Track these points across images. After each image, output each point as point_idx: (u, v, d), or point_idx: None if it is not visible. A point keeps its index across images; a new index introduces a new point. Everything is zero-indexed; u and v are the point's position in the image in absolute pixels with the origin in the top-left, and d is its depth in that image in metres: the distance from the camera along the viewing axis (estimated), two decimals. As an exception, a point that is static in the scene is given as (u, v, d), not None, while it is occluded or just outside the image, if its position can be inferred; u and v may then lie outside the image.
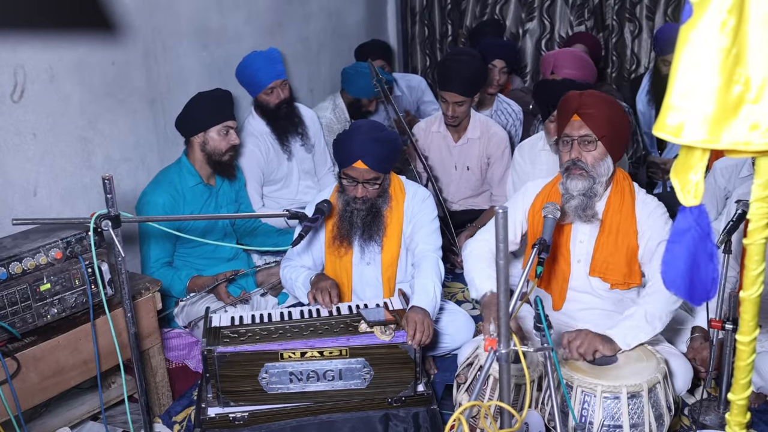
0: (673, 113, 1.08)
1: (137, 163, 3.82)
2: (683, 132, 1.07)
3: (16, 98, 3.17)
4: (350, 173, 2.98)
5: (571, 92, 2.81)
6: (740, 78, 1.03)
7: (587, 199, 2.71)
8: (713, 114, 1.05)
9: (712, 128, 1.05)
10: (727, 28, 1.02)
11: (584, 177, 2.69)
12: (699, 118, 1.06)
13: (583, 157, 2.69)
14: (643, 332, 2.55)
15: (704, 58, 1.04)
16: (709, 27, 1.04)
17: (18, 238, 2.55)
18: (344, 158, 2.98)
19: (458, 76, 4.01)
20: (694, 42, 1.05)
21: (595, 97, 2.74)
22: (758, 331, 1.23)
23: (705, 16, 1.03)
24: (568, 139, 2.73)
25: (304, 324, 2.73)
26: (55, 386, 2.56)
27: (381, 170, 2.98)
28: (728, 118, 1.04)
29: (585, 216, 2.73)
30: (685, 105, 1.07)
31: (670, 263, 1.21)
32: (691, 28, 1.05)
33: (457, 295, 3.90)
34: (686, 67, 1.06)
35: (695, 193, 1.14)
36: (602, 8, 5.63)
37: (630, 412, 2.32)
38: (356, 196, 3.00)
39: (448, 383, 3.01)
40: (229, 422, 2.58)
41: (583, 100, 2.71)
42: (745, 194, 2.82)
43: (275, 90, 3.94)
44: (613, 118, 2.71)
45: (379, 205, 3.06)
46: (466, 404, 1.90)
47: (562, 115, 2.78)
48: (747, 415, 1.30)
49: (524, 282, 2.29)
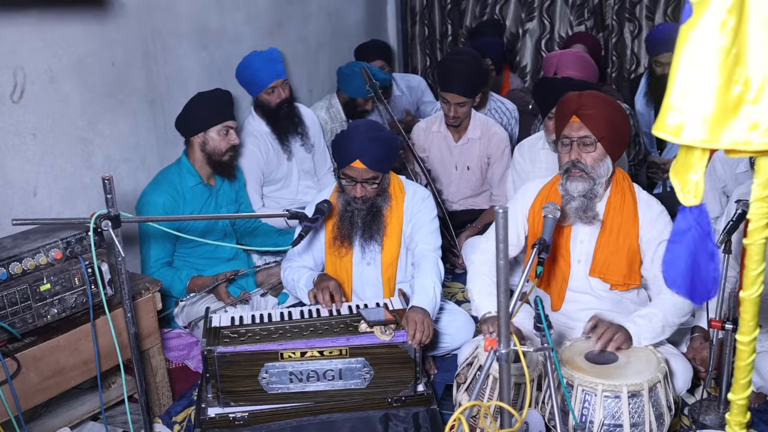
0: (672, 113, 1.08)
1: (137, 163, 3.82)
2: (683, 132, 1.07)
3: (16, 99, 3.17)
4: (349, 173, 2.98)
5: (570, 93, 2.81)
6: (740, 78, 1.03)
7: (588, 201, 2.71)
8: (713, 114, 1.05)
9: (712, 128, 1.05)
10: (726, 28, 1.03)
11: (584, 178, 2.69)
12: (699, 117, 1.06)
13: (582, 159, 2.69)
14: (656, 335, 2.57)
15: (704, 57, 1.04)
16: (708, 27, 1.04)
17: (18, 238, 2.55)
18: (342, 158, 2.99)
19: (459, 76, 4.01)
20: (694, 42, 1.05)
21: (595, 98, 2.73)
22: (758, 331, 1.23)
23: (705, 15, 1.04)
24: (567, 140, 2.72)
25: (304, 324, 2.73)
26: (55, 386, 2.56)
27: (379, 169, 2.98)
28: (728, 118, 1.04)
29: (586, 218, 2.73)
30: (685, 105, 1.07)
31: (671, 263, 1.21)
32: (690, 27, 1.05)
33: (456, 295, 3.90)
34: (686, 67, 1.06)
35: (695, 192, 1.14)
36: (602, 8, 5.64)
37: (630, 411, 2.32)
38: (356, 195, 3.00)
39: (448, 383, 3.01)
40: (229, 422, 2.58)
41: (582, 101, 2.70)
42: (745, 194, 2.82)
43: (276, 89, 3.94)
44: (613, 118, 2.71)
45: (379, 204, 3.06)
46: (467, 404, 1.90)
47: (560, 116, 2.78)
48: (747, 415, 1.30)
49: (524, 282, 2.29)
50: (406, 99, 5.38)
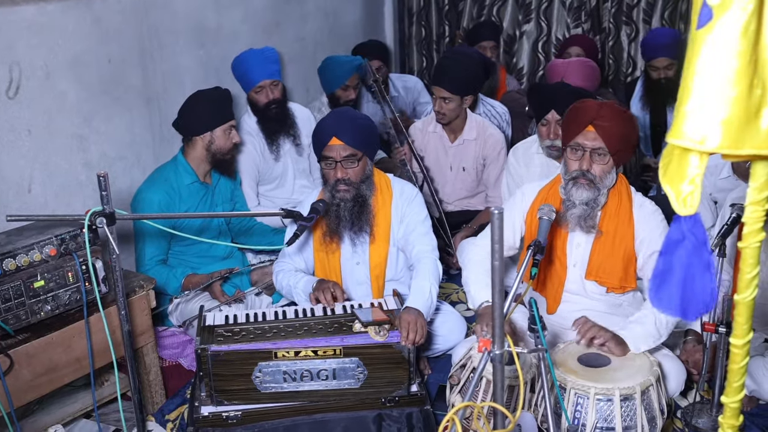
0: (691, 120, 1.05)
1: (132, 161, 3.81)
2: (703, 139, 1.04)
3: (11, 95, 3.16)
4: (327, 153, 2.97)
5: (588, 101, 2.79)
6: (760, 83, 1.01)
7: (590, 210, 2.71)
8: (734, 120, 1.02)
9: (734, 135, 1.03)
10: (749, 32, 1.00)
11: (591, 188, 2.69)
12: (718, 124, 1.03)
13: (593, 169, 2.68)
14: (653, 339, 2.56)
15: (724, 62, 1.02)
16: (730, 30, 1.01)
17: (12, 234, 2.54)
18: (320, 140, 2.99)
19: (449, 73, 4.01)
20: (713, 46, 1.02)
21: (614, 111, 2.71)
22: (752, 334, 1.23)
23: (725, 18, 1.01)
24: (580, 148, 2.70)
25: (298, 323, 2.73)
26: (48, 383, 2.56)
27: (357, 147, 2.96)
28: (749, 124, 1.02)
29: (586, 227, 2.73)
30: (704, 111, 1.04)
31: (661, 276, 1.17)
32: (708, 31, 1.02)
33: (451, 296, 3.90)
34: (704, 72, 1.03)
35: (691, 202, 1.11)
36: (599, 11, 5.65)
37: (623, 414, 2.33)
38: (337, 178, 2.98)
39: (441, 384, 3.01)
40: (223, 421, 2.58)
41: (602, 113, 2.67)
42: (740, 198, 2.83)
43: (264, 89, 3.93)
44: (627, 134, 2.70)
45: (364, 192, 3.04)
46: (460, 405, 1.90)
47: (575, 123, 2.73)
48: (740, 418, 1.30)
49: (519, 283, 2.29)
50: (403, 100, 5.38)
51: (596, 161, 2.68)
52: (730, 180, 3.46)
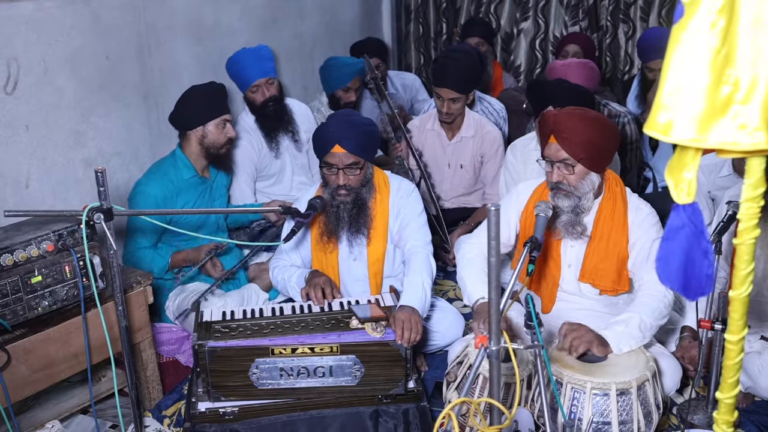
0: (663, 112, 1.09)
1: (130, 156, 3.81)
2: (672, 130, 1.08)
3: (9, 90, 3.16)
4: (329, 160, 2.96)
5: (547, 112, 2.77)
6: (729, 78, 1.04)
7: (574, 216, 2.71)
8: (702, 113, 1.06)
9: (701, 127, 1.06)
10: (716, 29, 1.04)
11: (569, 196, 2.69)
12: (688, 117, 1.07)
13: (564, 179, 2.67)
14: (635, 340, 2.54)
15: (694, 57, 1.06)
16: (699, 27, 1.05)
17: (10, 230, 2.54)
18: (322, 146, 2.98)
19: (454, 72, 4.01)
20: (685, 42, 1.06)
21: (571, 118, 2.66)
22: (747, 331, 1.24)
23: (695, 16, 1.05)
24: (549, 160, 2.70)
25: (295, 320, 2.73)
26: (45, 379, 2.56)
27: (360, 154, 2.96)
28: (716, 118, 1.05)
29: (574, 232, 2.73)
30: (675, 104, 1.08)
31: (665, 259, 1.22)
32: (682, 28, 1.06)
33: (448, 293, 3.90)
34: (676, 67, 1.07)
35: (688, 190, 1.15)
36: (597, 9, 5.65)
37: (619, 409, 2.34)
38: (339, 184, 2.98)
39: (438, 380, 3.01)
40: (219, 417, 2.58)
41: (558, 120, 2.65)
42: (736, 195, 2.83)
43: (260, 88, 3.92)
44: (592, 138, 2.62)
45: (364, 196, 3.04)
46: (456, 400, 1.90)
47: (541, 135, 2.74)
48: (734, 414, 1.31)
49: (515, 280, 2.30)
50: (400, 97, 5.38)
51: (566, 171, 2.66)
52: (730, 178, 3.46)
